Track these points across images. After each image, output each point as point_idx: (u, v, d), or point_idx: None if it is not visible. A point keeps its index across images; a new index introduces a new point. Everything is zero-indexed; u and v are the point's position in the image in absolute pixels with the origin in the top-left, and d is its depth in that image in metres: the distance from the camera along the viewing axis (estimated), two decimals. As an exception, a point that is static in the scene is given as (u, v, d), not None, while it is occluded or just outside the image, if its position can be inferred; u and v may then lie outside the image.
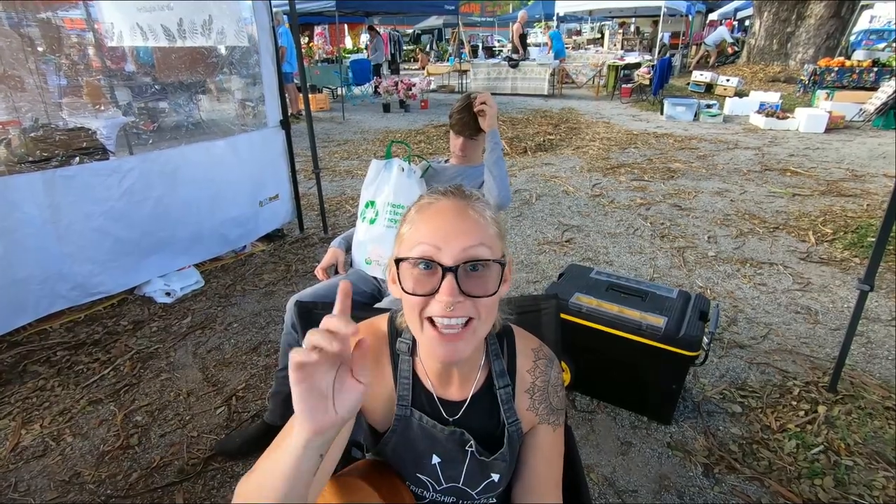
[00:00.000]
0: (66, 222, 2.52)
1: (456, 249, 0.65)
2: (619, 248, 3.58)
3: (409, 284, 0.66)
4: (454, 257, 0.65)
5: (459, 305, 0.64)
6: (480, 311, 0.66)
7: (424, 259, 0.65)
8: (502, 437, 0.80)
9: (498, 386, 0.80)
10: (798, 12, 11.93)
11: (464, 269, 0.65)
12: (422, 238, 0.67)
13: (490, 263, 0.66)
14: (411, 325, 0.70)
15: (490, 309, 0.68)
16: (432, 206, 0.70)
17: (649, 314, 1.91)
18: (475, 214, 0.69)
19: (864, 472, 1.74)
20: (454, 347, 0.66)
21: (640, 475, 1.76)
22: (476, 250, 0.66)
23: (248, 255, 3.50)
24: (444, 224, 0.67)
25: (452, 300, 0.63)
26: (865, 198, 4.42)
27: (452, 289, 0.63)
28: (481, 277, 0.66)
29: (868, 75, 8.96)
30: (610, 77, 11.34)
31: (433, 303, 0.65)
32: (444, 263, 0.65)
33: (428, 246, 0.66)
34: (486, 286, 0.66)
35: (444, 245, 0.65)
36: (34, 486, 1.72)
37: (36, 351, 2.43)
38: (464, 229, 0.67)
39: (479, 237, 0.67)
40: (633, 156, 6.08)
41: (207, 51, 3.45)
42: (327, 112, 9.70)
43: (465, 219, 0.68)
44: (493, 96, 1.86)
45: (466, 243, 0.66)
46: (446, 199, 0.71)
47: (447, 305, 0.64)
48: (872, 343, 2.45)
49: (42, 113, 2.93)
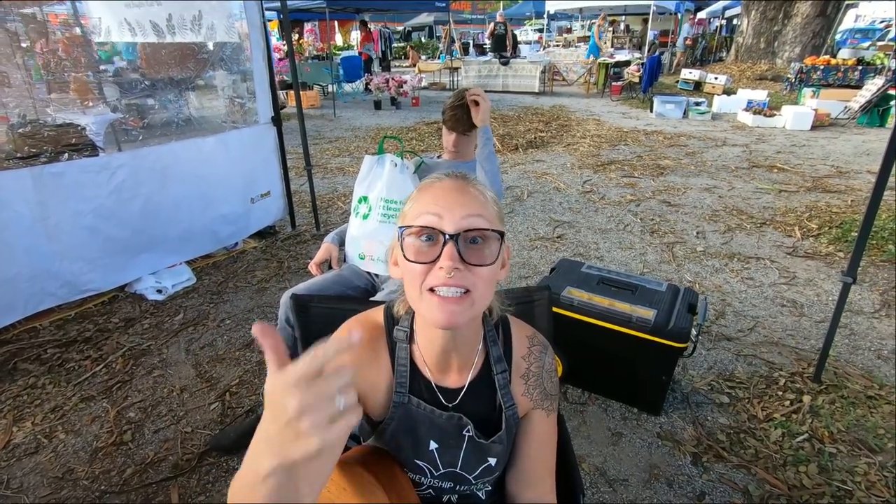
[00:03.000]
0: (55, 219, 2.50)
1: (457, 217, 0.68)
2: (609, 243, 3.61)
3: (413, 253, 0.69)
4: (455, 225, 0.67)
5: (458, 273, 0.66)
6: (478, 281, 0.68)
7: (428, 227, 0.68)
8: (499, 421, 0.82)
9: (496, 371, 0.82)
10: (785, 11, 12.08)
11: (464, 238, 0.67)
12: (424, 208, 0.70)
13: (489, 234, 0.69)
14: (411, 297, 0.72)
15: (488, 282, 0.69)
16: (434, 183, 0.74)
17: (639, 307, 1.94)
18: (475, 191, 0.72)
19: (846, 459, 1.78)
20: (451, 311, 0.67)
21: (630, 465, 1.79)
22: (476, 220, 0.68)
23: (239, 252, 3.49)
24: (445, 195, 0.70)
25: (452, 265, 0.65)
26: (850, 194, 4.50)
27: (453, 255, 0.66)
28: (480, 249, 0.68)
29: (853, 73, 9.11)
30: (600, 75, 11.39)
31: (433, 272, 0.67)
32: (446, 231, 0.67)
33: (430, 215, 0.68)
34: (484, 256, 0.68)
35: (445, 213, 0.68)
36: (27, 483, 1.71)
37: (26, 349, 2.41)
38: (464, 201, 0.70)
39: (479, 209, 0.70)
40: (623, 153, 6.13)
41: (197, 47, 3.43)
42: (318, 109, 9.65)
43: (465, 192, 0.71)
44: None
45: (467, 212, 0.68)
46: (448, 178, 0.74)
47: (448, 271, 0.66)
48: (855, 335, 2.51)
49: (30, 109, 2.89)
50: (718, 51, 15.93)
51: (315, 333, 1.05)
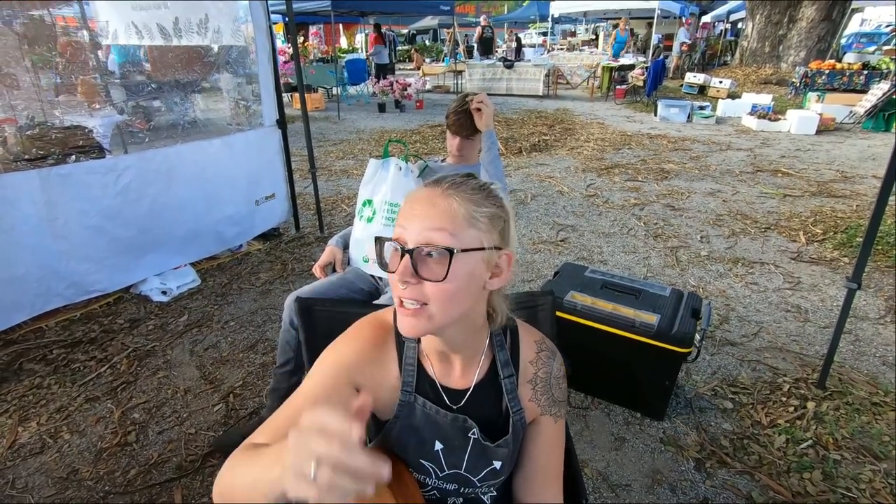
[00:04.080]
0: (62, 220, 2.52)
1: (416, 230, 0.68)
2: (613, 247, 3.61)
3: (382, 261, 0.72)
4: (414, 239, 0.68)
5: (411, 287, 0.68)
6: (432, 295, 0.68)
7: (394, 239, 0.70)
8: (505, 425, 0.82)
9: (502, 376, 0.82)
10: (790, 15, 12.06)
11: (420, 251, 0.67)
12: (399, 218, 0.72)
13: (441, 250, 0.67)
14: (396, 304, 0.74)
15: (446, 296, 0.68)
16: (413, 193, 0.74)
17: (643, 312, 1.94)
18: (444, 201, 0.70)
19: (851, 466, 1.78)
20: (409, 322, 0.69)
21: (633, 470, 1.79)
22: (433, 234, 0.67)
23: (244, 254, 3.50)
24: (414, 207, 0.71)
25: (402, 277, 0.67)
26: (855, 199, 4.49)
27: (405, 268, 0.67)
28: (433, 263, 0.68)
29: (858, 78, 9.09)
30: (604, 78, 11.40)
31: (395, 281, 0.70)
32: (407, 243, 0.68)
33: (399, 227, 0.71)
34: (434, 272, 0.67)
35: (409, 225, 0.70)
36: (32, 483, 1.72)
37: (32, 349, 2.43)
38: (427, 214, 0.69)
39: (440, 222, 0.68)
40: (627, 156, 6.13)
41: (203, 50, 3.45)
42: (322, 112, 9.69)
43: (432, 204, 0.70)
44: (489, 97, 1.89)
45: (427, 224, 0.68)
46: (426, 188, 0.74)
47: (400, 283, 0.68)
48: (860, 340, 2.49)
49: (38, 111, 2.92)
50: (723, 55, 15.90)
51: (319, 336, 1.06)
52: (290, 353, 1.72)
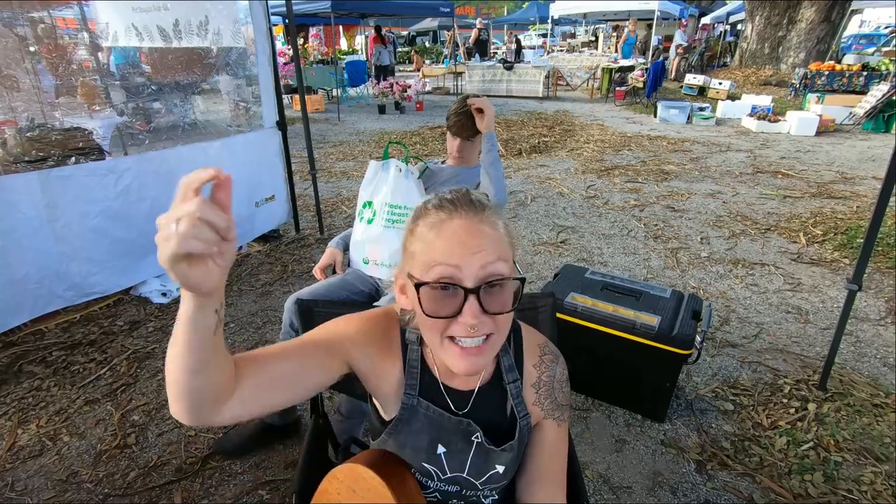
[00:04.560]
0: (62, 222, 2.52)
1: (475, 268, 0.65)
2: (613, 248, 3.61)
3: (431, 307, 0.66)
4: (475, 277, 0.65)
5: (481, 325, 0.65)
6: (500, 326, 0.68)
7: (445, 282, 0.65)
8: (510, 430, 0.82)
9: (507, 380, 0.82)
10: (789, 16, 12.08)
11: (485, 288, 0.65)
12: (439, 258, 0.66)
13: (509, 281, 0.67)
14: (431, 344, 0.72)
15: (508, 321, 0.70)
16: (444, 223, 0.68)
17: (643, 313, 1.94)
18: (489, 229, 0.68)
19: (852, 468, 1.77)
20: (474, 361, 0.68)
21: (634, 472, 1.78)
22: (495, 266, 0.66)
23: (244, 256, 3.50)
24: (460, 242, 0.66)
25: (476, 322, 0.64)
26: (855, 200, 4.49)
27: (476, 311, 0.64)
28: (501, 295, 0.66)
29: (858, 79, 9.10)
30: (604, 80, 11.41)
31: (455, 324, 0.66)
32: (466, 285, 0.65)
33: (447, 266, 0.65)
34: (505, 303, 0.67)
35: (463, 264, 0.65)
36: (31, 486, 1.72)
37: (31, 351, 2.42)
38: (481, 246, 0.66)
39: (496, 253, 0.66)
40: (626, 158, 6.13)
41: (203, 52, 3.45)
42: (322, 113, 9.70)
43: (481, 235, 0.67)
44: (489, 98, 1.89)
45: (485, 260, 0.65)
46: (459, 216, 0.68)
47: (471, 326, 0.64)
48: (861, 342, 2.49)
49: (38, 113, 2.92)
50: (723, 56, 15.92)
51: (320, 339, 1.05)
52: None
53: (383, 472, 0.78)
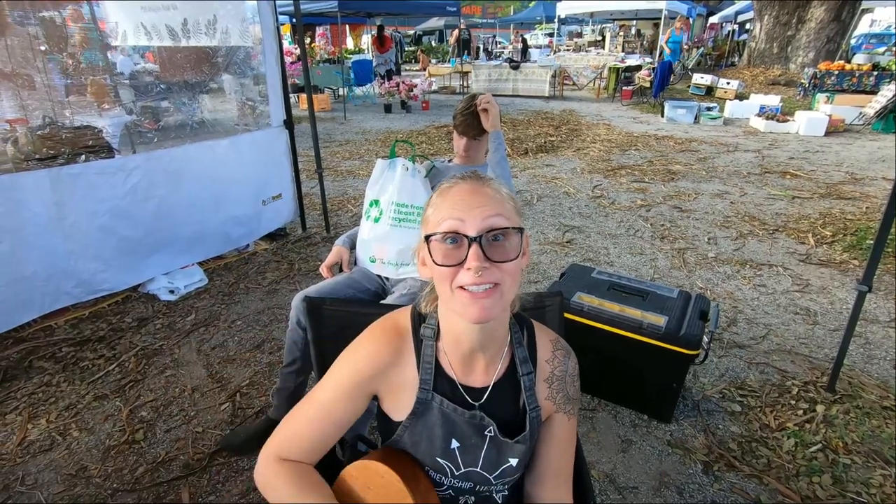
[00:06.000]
0: (71, 220, 2.54)
1: (477, 219, 0.72)
2: (619, 248, 3.60)
3: (440, 258, 0.73)
4: (476, 227, 0.71)
5: (486, 271, 0.71)
6: (504, 275, 0.72)
7: (451, 232, 0.72)
8: (522, 422, 0.83)
9: (521, 372, 0.84)
10: (798, 16, 11.97)
11: (486, 238, 0.71)
12: (446, 214, 0.74)
13: (509, 231, 0.73)
14: (443, 296, 0.76)
15: (514, 275, 0.74)
16: (452, 188, 0.77)
17: (650, 313, 1.93)
18: (491, 191, 0.76)
19: (861, 471, 1.76)
20: (482, 306, 0.71)
21: (640, 472, 1.78)
22: (495, 220, 0.72)
23: (251, 254, 3.52)
24: (464, 199, 0.74)
25: (479, 265, 0.70)
26: (864, 201, 4.45)
27: (479, 255, 0.70)
28: (503, 245, 0.72)
29: (868, 79, 9.01)
30: (611, 79, 11.37)
31: (462, 272, 0.72)
32: (469, 234, 0.71)
33: (452, 220, 0.73)
34: (507, 252, 0.72)
35: (466, 217, 0.72)
36: (41, 480, 1.74)
37: (41, 347, 2.45)
38: (482, 202, 0.74)
39: (496, 209, 0.73)
40: (633, 158, 6.10)
41: (212, 50, 3.47)
42: (329, 112, 9.72)
43: (482, 194, 0.75)
44: (495, 98, 1.89)
45: (486, 213, 0.72)
46: (464, 182, 0.78)
47: (476, 271, 0.70)
48: (870, 344, 2.47)
49: (49, 111, 2.94)
50: (731, 55, 15.82)
51: (327, 336, 1.06)
52: (297, 352, 1.73)
53: (398, 469, 0.78)
